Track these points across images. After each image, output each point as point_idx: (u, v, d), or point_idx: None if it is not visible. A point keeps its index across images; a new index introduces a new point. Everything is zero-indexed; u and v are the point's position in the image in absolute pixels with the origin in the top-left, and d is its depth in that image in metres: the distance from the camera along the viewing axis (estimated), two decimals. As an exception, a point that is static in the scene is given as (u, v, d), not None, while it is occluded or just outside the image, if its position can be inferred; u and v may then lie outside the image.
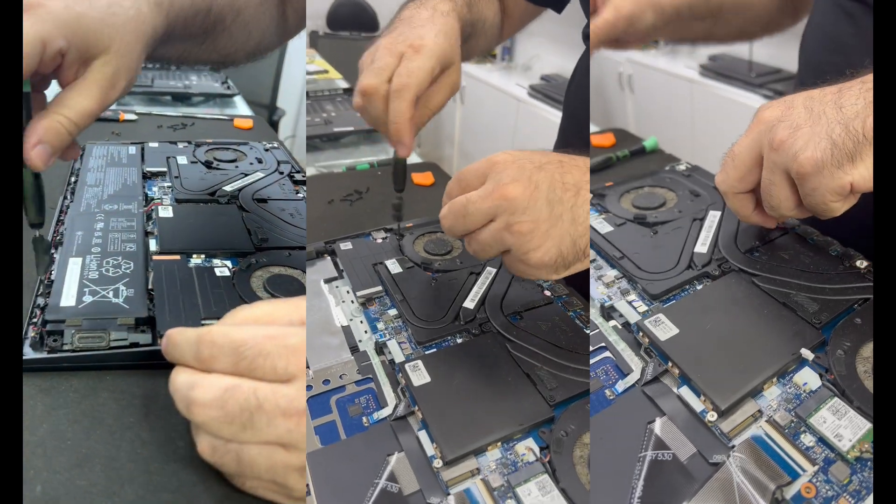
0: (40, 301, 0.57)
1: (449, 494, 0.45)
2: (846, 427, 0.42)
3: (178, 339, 0.44)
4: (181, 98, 1.47)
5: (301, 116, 2.20)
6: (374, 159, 1.16)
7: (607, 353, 0.53)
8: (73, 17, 0.50)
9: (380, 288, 0.66)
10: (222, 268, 0.65)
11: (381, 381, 0.55)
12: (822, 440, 0.42)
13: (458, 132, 2.67)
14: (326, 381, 0.55)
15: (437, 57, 0.62)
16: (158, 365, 0.48)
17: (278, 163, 0.98)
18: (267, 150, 1.05)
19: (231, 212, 0.77)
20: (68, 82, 0.52)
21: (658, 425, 0.45)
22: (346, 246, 0.74)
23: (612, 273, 0.60)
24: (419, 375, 0.53)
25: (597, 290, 0.59)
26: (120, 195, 0.79)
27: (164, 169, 0.91)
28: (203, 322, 0.56)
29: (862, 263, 0.57)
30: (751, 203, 0.56)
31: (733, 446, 0.43)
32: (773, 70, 1.75)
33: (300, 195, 0.86)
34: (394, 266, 0.69)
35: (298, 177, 0.94)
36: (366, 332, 0.61)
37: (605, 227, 0.66)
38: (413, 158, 1.14)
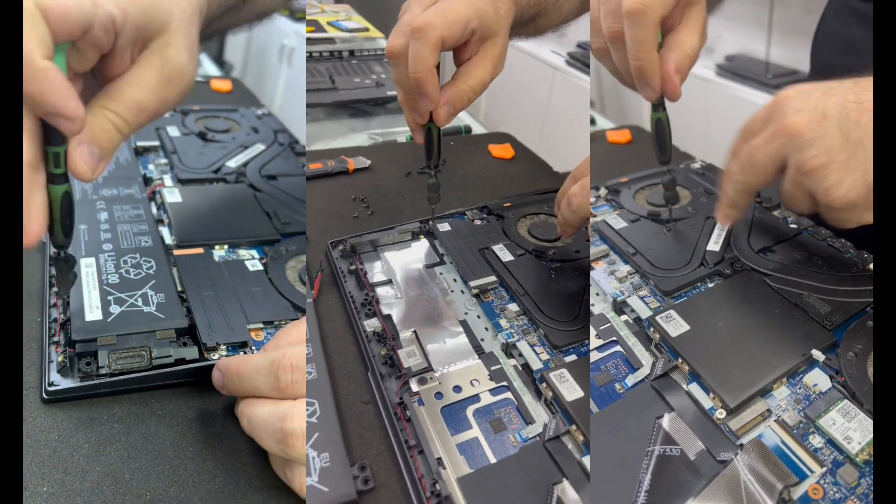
0: (55, 314, 0.48)
1: (741, 445, 0.41)
2: (855, 430, 0.41)
3: (244, 369, 0.39)
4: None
5: (267, 73, 1.87)
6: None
7: (618, 348, 0.51)
8: None
9: (494, 278, 0.59)
10: (252, 260, 0.58)
11: (628, 343, 0.51)
12: (830, 442, 0.41)
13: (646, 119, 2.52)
14: (457, 389, 0.49)
15: (474, 9, 0.52)
16: (207, 380, 0.44)
17: (275, 133, 0.88)
18: (259, 117, 0.93)
19: (243, 192, 0.69)
20: (119, 73, 0.41)
21: (666, 420, 0.44)
22: (444, 227, 0.67)
23: (625, 268, 0.58)
24: (675, 325, 0.49)
25: (609, 285, 0.57)
26: (116, 177, 0.68)
27: (156, 143, 0.81)
28: (250, 328, 0.50)
29: (875, 266, 0.55)
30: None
31: (741, 444, 0.42)
32: (790, 71, 1.71)
33: (304, 168, 0.77)
34: (503, 253, 0.63)
35: (298, 147, 0.85)
36: (486, 328, 0.54)
37: (619, 223, 0.64)
38: (478, 128, 1.03)
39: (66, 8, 0.36)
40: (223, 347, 0.47)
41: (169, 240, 0.58)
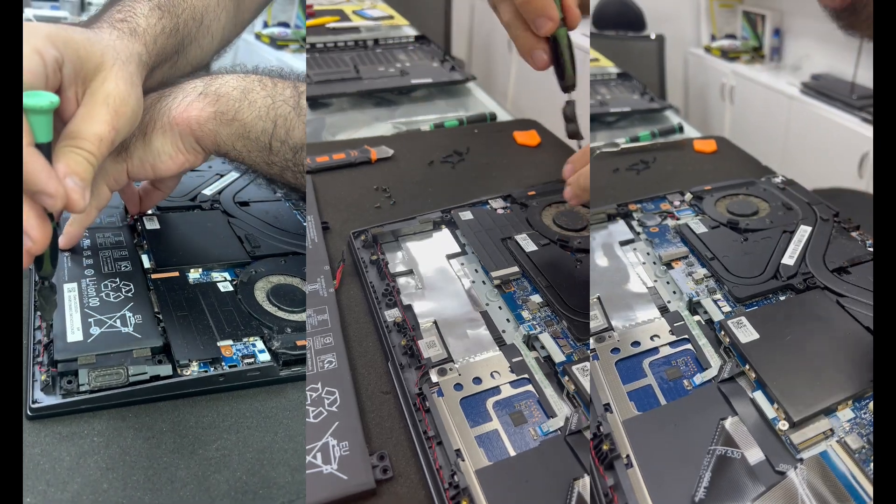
0: (39, 336, 0.49)
1: (801, 460, 0.40)
2: (920, 462, 0.39)
3: None
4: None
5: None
6: (463, 115, 0.96)
7: (689, 346, 0.50)
8: (62, 31, 0.44)
9: (516, 269, 0.58)
10: (224, 282, 0.57)
11: (699, 343, 0.49)
12: (893, 470, 0.39)
13: (727, 131, 2.49)
14: (636, 344, 0.49)
15: None
16: (181, 395, 0.47)
17: None
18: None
19: (217, 218, 0.68)
20: (72, 112, 0.45)
21: (730, 423, 0.43)
22: (466, 216, 0.65)
23: (701, 271, 0.57)
24: (745, 332, 0.48)
25: (686, 285, 0.56)
26: None
27: None
28: (220, 345, 0.50)
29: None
30: None
31: (801, 459, 0.41)
32: (874, 95, 1.63)
33: (278, 194, 0.74)
34: (526, 243, 0.61)
35: None
36: (508, 320, 0.53)
37: (700, 228, 0.62)
38: (503, 114, 0.98)
39: (27, 69, 0.40)
40: (195, 364, 0.48)
41: (147, 264, 0.58)
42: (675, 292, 0.56)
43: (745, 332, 0.49)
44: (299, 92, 0.52)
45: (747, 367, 0.47)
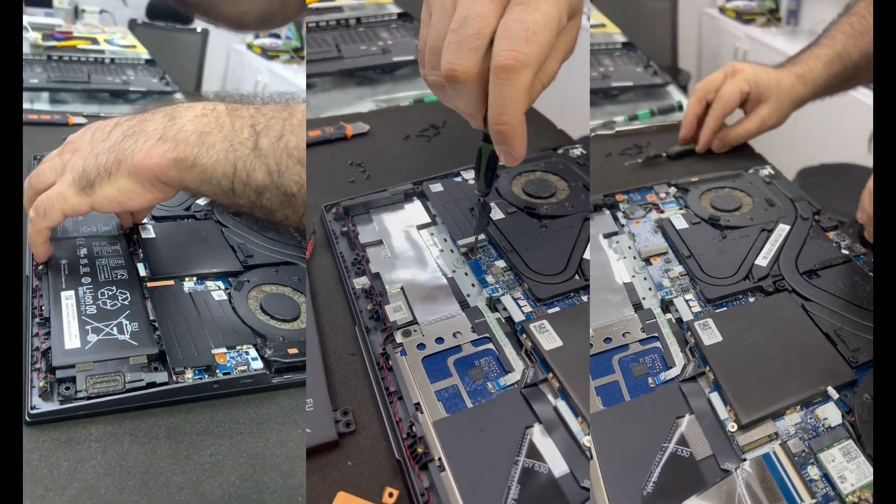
0: (37, 342, 0.49)
1: (745, 460, 0.42)
2: (852, 471, 0.42)
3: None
4: (119, 94, 1.21)
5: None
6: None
7: (658, 344, 0.53)
8: None
9: (483, 236, 0.60)
10: (218, 291, 0.58)
11: (667, 342, 0.51)
12: (826, 477, 0.42)
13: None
14: (608, 340, 0.51)
15: (567, 3, 0.43)
16: (176, 401, 0.47)
17: None
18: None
19: (210, 227, 0.68)
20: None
21: (685, 422, 0.46)
22: (436, 187, 0.66)
23: (678, 269, 0.59)
24: (710, 334, 0.50)
25: (663, 282, 0.58)
26: (95, 216, 0.65)
27: None
28: (214, 353, 0.51)
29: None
30: None
31: (745, 459, 0.44)
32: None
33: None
34: (494, 211, 0.62)
35: None
36: (473, 284, 0.56)
37: (681, 223, 0.64)
38: None
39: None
40: (190, 371, 0.49)
41: (143, 273, 0.59)
42: (650, 289, 0.58)
43: (710, 334, 0.51)
44: (257, 131, 0.50)
45: (707, 368, 0.49)
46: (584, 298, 0.54)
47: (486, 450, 0.43)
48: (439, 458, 0.42)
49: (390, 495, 0.42)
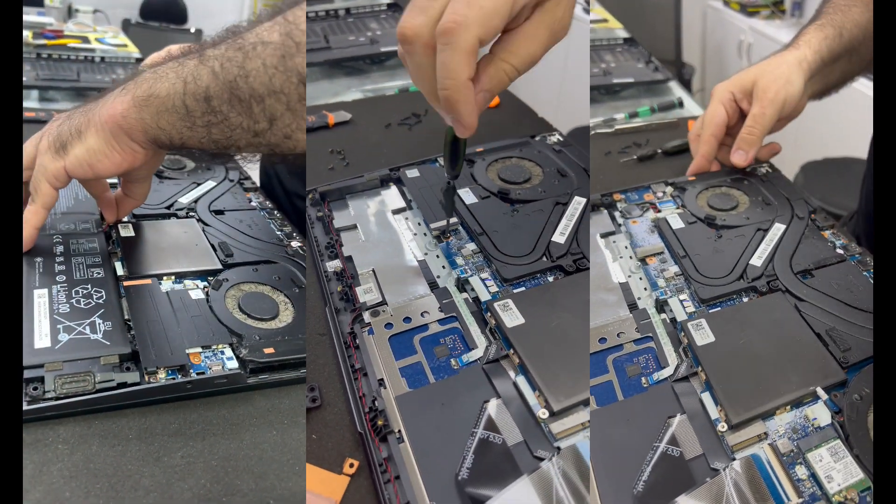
0: None
1: (734, 459, 0.43)
2: (839, 471, 0.43)
3: None
4: (108, 93, 1.24)
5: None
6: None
7: (652, 344, 0.53)
8: None
9: (455, 220, 0.60)
10: (196, 290, 0.57)
11: (661, 342, 0.51)
12: (813, 476, 0.43)
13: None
14: (603, 340, 0.52)
15: None
16: (148, 402, 0.46)
17: (226, 169, 0.82)
18: (213, 153, 0.89)
19: (191, 226, 0.67)
20: (514, 26, 0.44)
21: (676, 422, 0.47)
22: (412, 173, 0.67)
23: (673, 269, 0.60)
24: (702, 334, 0.50)
25: (658, 282, 0.59)
26: (74, 212, 0.65)
27: (115, 180, 0.69)
28: (188, 353, 0.50)
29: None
30: None
31: (734, 459, 0.44)
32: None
33: (253, 203, 0.75)
34: (467, 195, 0.62)
35: (248, 184, 0.80)
36: (443, 266, 0.57)
37: (677, 223, 0.65)
38: None
39: None
40: (163, 371, 0.48)
41: (121, 271, 0.58)
42: (645, 289, 0.59)
43: (703, 335, 0.52)
44: (204, 49, 0.50)
45: (700, 368, 0.50)
46: (550, 279, 0.55)
47: (446, 422, 0.44)
48: (399, 431, 0.44)
49: (351, 465, 0.44)
